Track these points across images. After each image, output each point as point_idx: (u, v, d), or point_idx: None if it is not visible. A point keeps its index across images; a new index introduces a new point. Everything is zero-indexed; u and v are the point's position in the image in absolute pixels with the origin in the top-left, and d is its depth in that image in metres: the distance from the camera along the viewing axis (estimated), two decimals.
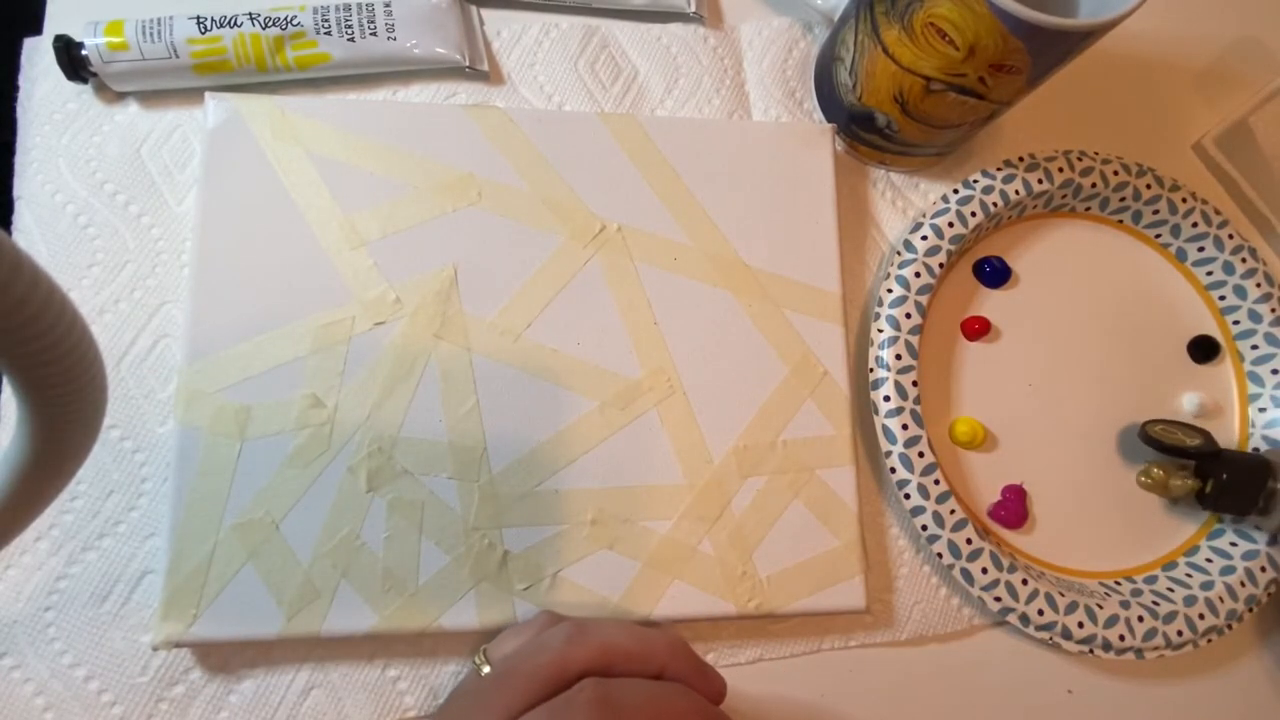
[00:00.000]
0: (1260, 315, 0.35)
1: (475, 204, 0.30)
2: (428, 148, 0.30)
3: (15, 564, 0.27)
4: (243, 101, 0.29)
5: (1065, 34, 0.26)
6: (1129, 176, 0.35)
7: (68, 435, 0.15)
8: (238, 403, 0.27)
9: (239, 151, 0.29)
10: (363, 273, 0.29)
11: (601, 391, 0.30)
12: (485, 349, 0.29)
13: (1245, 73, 0.41)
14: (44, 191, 0.30)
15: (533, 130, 0.31)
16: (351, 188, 0.30)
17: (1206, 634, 0.31)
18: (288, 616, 0.26)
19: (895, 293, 0.32)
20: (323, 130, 0.30)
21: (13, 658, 0.26)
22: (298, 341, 0.28)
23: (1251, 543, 0.32)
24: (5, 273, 0.11)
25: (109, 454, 0.28)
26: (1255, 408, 0.35)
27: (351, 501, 0.27)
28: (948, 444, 0.33)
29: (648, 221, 0.31)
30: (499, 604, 0.27)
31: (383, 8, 0.32)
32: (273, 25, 0.30)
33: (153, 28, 0.29)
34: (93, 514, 0.27)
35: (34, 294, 0.11)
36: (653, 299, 0.31)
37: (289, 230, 0.29)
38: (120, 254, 0.30)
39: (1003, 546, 0.32)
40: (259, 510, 0.27)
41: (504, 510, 0.28)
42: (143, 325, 0.29)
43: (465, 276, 0.30)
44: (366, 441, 0.28)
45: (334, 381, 0.28)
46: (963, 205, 0.34)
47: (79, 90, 0.31)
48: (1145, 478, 0.34)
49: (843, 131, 0.35)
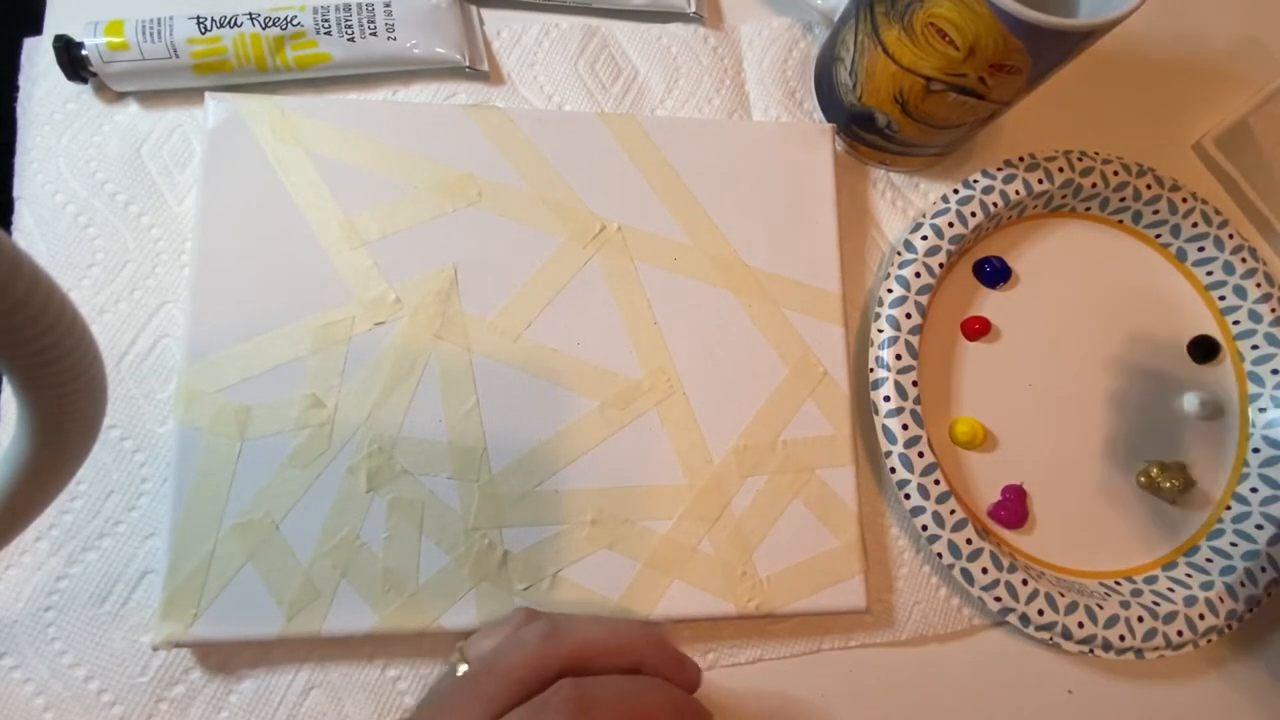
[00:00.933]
0: (1260, 315, 0.35)
1: (475, 204, 0.30)
2: (428, 148, 0.30)
3: (15, 564, 0.27)
4: (243, 101, 0.29)
5: (1065, 34, 0.26)
6: (1129, 176, 0.35)
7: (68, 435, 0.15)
8: (238, 403, 0.27)
9: (239, 151, 0.29)
10: (363, 273, 0.29)
11: (601, 391, 0.30)
12: (485, 349, 0.29)
13: (1245, 73, 0.41)
14: (44, 191, 0.30)
15: (533, 130, 0.31)
16: (352, 188, 0.30)
17: (1206, 634, 0.31)
18: (287, 616, 0.26)
19: (895, 293, 0.32)
20: (323, 130, 0.30)
21: (13, 658, 0.26)
22: (298, 342, 0.28)
23: (1251, 543, 0.32)
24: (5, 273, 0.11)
25: (109, 454, 0.28)
26: (1255, 408, 0.35)
27: (351, 501, 0.27)
28: (948, 444, 0.33)
29: (648, 221, 0.31)
30: (499, 604, 0.27)
31: (383, 8, 0.32)
32: (273, 25, 0.30)
33: (153, 28, 0.29)
34: (93, 514, 0.27)
35: (34, 294, 0.11)
36: (653, 299, 0.31)
37: (289, 230, 0.29)
38: (120, 254, 0.30)
39: (1003, 546, 0.32)
40: (259, 510, 0.27)
41: (504, 510, 0.28)
42: (143, 325, 0.29)
43: (465, 276, 0.30)
44: (366, 441, 0.28)
45: (334, 381, 0.28)
46: (963, 205, 0.34)
47: (79, 90, 0.31)
48: (1144, 478, 0.34)
49: (843, 131, 0.35)
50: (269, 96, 0.30)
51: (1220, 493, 0.34)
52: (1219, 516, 0.34)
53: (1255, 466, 0.34)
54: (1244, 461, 0.35)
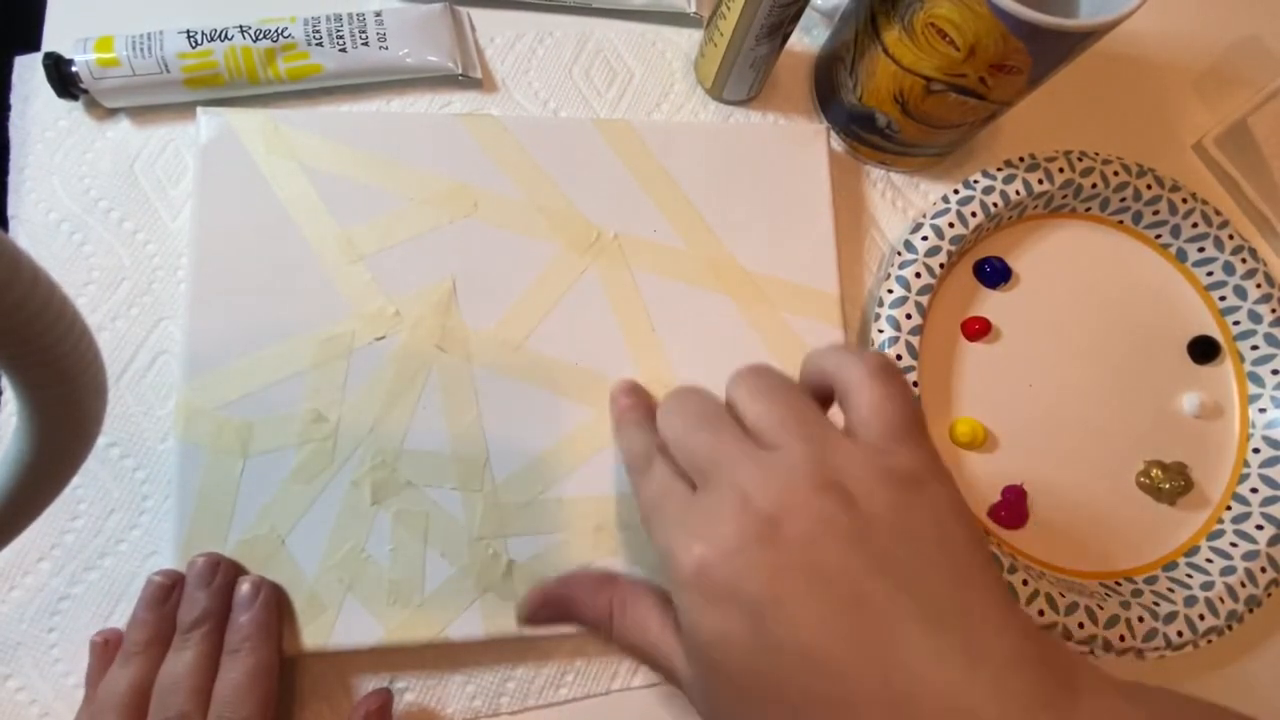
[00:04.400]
0: (1260, 316, 0.35)
1: (472, 214, 0.30)
2: (423, 158, 0.30)
3: (18, 585, 0.27)
4: (235, 116, 0.29)
5: (1065, 34, 0.26)
6: (1129, 177, 0.35)
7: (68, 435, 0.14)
8: (239, 419, 0.27)
9: (233, 166, 0.29)
10: (361, 286, 0.29)
11: (602, 399, 0.29)
12: (485, 360, 0.29)
13: (1245, 73, 0.41)
14: (38, 210, 0.29)
15: (527, 138, 0.31)
16: (347, 201, 0.29)
17: (1207, 634, 0.31)
18: (295, 631, 0.26)
19: (896, 293, 0.32)
20: (316, 143, 0.30)
21: (18, 679, 0.26)
22: (298, 356, 0.28)
23: (1251, 543, 0.32)
24: (5, 273, 0.11)
25: (110, 472, 0.28)
26: (1255, 408, 0.35)
27: (356, 515, 0.27)
28: (948, 444, 0.33)
29: (644, 228, 0.31)
30: (505, 613, 0.27)
31: (373, 17, 0.31)
32: (264, 38, 0.30)
33: (143, 43, 0.29)
34: (94, 533, 0.27)
35: (34, 294, 0.11)
36: (650, 306, 0.31)
37: (286, 245, 0.29)
38: (116, 271, 0.29)
39: (1003, 547, 0.32)
40: (264, 526, 0.27)
41: (508, 520, 0.28)
42: (141, 341, 0.29)
43: (464, 288, 0.29)
44: (370, 455, 0.28)
45: (335, 395, 0.28)
46: (963, 205, 0.33)
47: (70, 107, 0.30)
48: (1144, 478, 0.34)
49: (843, 131, 0.35)
50: (261, 110, 0.30)
51: (1220, 493, 0.34)
52: (1219, 517, 0.34)
53: (1255, 467, 0.34)
54: (1244, 462, 0.35)
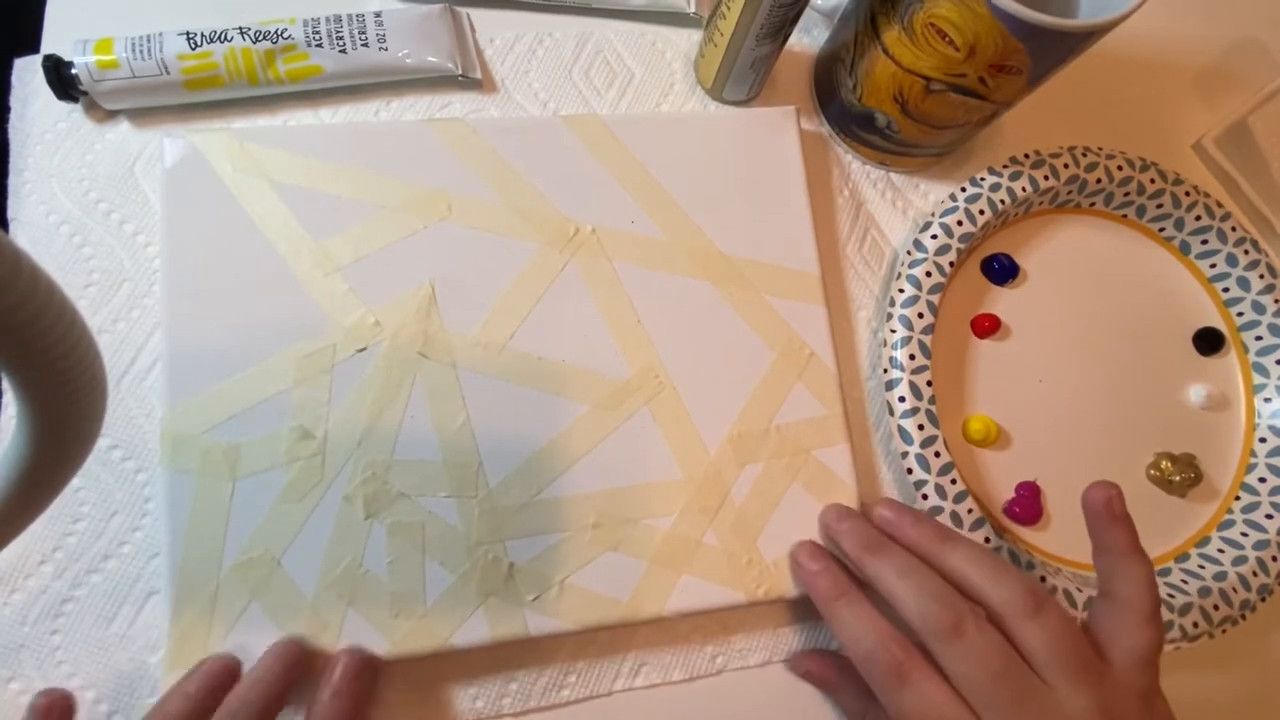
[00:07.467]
0: (1264, 307, 0.35)
1: (446, 218, 0.30)
2: (393, 166, 0.30)
3: (20, 588, 0.26)
4: (199, 137, 0.29)
5: (1065, 34, 0.26)
6: (1133, 171, 0.35)
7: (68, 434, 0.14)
8: (225, 442, 0.27)
9: (200, 188, 0.28)
10: (339, 298, 0.28)
11: (591, 394, 0.29)
12: (470, 363, 0.29)
13: (1245, 73, 0.41)
14: (38, 212, 0.29)
15: (497, 140, 0.31)
16: (319, 213, 0.29)
17: (1222, 624, 0.31)
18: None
19: (907, 293, 0.32)
20: (284, 158, 0.29)
21: (20, 681, 0.26)
22: (280, 374, 0.27)
23: (1262, 532, 0.32)
24: (5, 273, 0.11)
25: (111, 475, 0.28)
26: (1261, 398, 0.35)
27: (351, 530, 0.27)
28: (961, 442, 0.33)
29: (621, 220, 0.31)
30: (510, 617, 0.27)
31: (373, 18, 0.31)
32: (263, 39, 0.30)
33: (142, 45, 0.29)
34: (96, 535, 0.27)
35: (34, 295, 0.11)
36: (634, 297, 0.30)
37: (260, 263, 0.28)
38: (117, 273, 0.29)
39: (1019, 544, 0.32)
40: (258, 548, 0.26)
41: (505, 523, 0.28)
42: (141, 344, 0.29)
43: (443, 292, 0.29)
44: (360, 468, 0.27)
45: (321, 411, 0.27)
46: (971, 203, 0.33)
47: (70, 109, 0.30)
48: (1154, 470, 0.34)
49: (843, 131, 0.35)
50: (225, 129, 0.29)
51: (1229, 484, 0.34)
52: (1229, 507, 0.34)
53: (1262, 456, 0.34)
54: (1251, 452, 0.34)
